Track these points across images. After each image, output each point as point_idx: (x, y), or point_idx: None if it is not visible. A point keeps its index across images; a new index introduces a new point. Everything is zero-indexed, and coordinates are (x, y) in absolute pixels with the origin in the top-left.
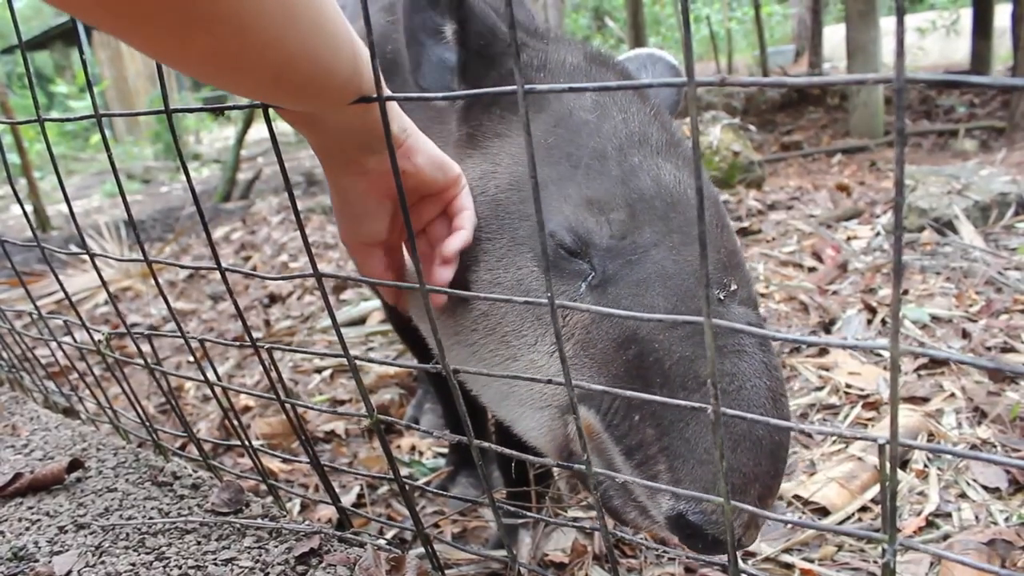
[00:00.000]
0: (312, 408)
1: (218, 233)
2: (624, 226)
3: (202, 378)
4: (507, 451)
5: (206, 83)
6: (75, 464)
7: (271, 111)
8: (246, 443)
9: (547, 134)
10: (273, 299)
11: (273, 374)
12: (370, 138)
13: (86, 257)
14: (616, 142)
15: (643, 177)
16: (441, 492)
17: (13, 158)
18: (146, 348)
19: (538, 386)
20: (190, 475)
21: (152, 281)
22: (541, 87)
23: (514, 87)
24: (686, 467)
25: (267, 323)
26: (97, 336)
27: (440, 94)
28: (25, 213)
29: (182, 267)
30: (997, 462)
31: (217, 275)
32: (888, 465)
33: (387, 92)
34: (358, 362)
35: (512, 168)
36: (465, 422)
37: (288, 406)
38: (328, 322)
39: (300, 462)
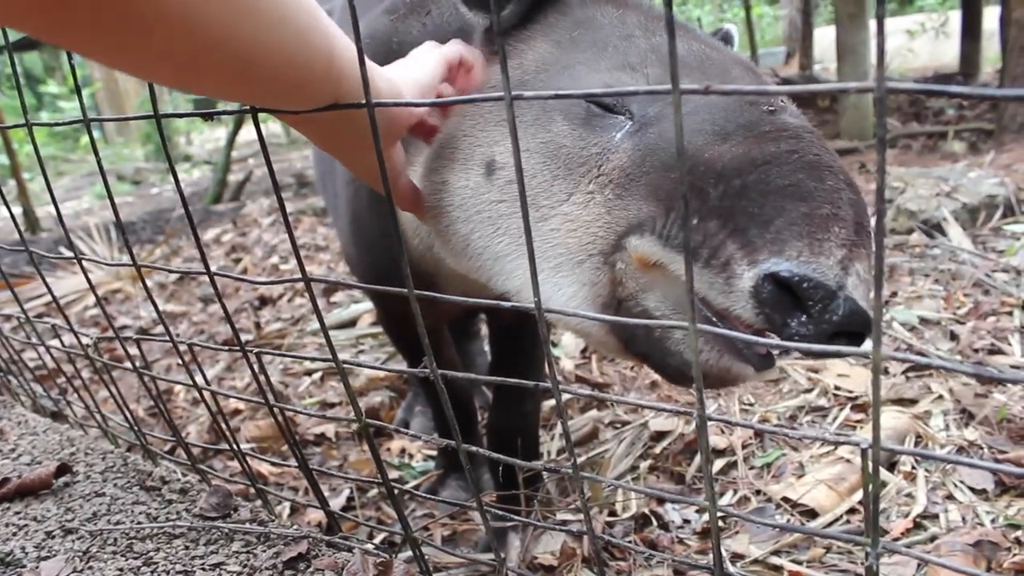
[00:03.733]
0: (301, 412)
1: (209, 235)
2: (660, 76)
3: (191, 382)
4: (495, 455)
5: (170, 87)
6: (63, 469)
7: (260, 114)
8: (235, 447)
9: (571, 30)
10: (264, 301)
11: (262, 378)
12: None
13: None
14: (640, 26)
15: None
16: (429, 496)
17: (2, 159)
18: (135, 351)
19: (575, 237)
20: (178, 479)
21: (146, 279)
22: (528, 94)
23: (500, 94)
24: (758, 226)
25: (257, 325)
26: (85, 340)
27: (424, 99)
28: (12, 216)
29: (171, 271)
30: (979, 466)
31: (207, 277)
32: (871, 469)
33: (380, 95)
34: (348, 365)
35: (538, 56)
36: (453, 426)
37: (277, 410)
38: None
39: (288, 466)
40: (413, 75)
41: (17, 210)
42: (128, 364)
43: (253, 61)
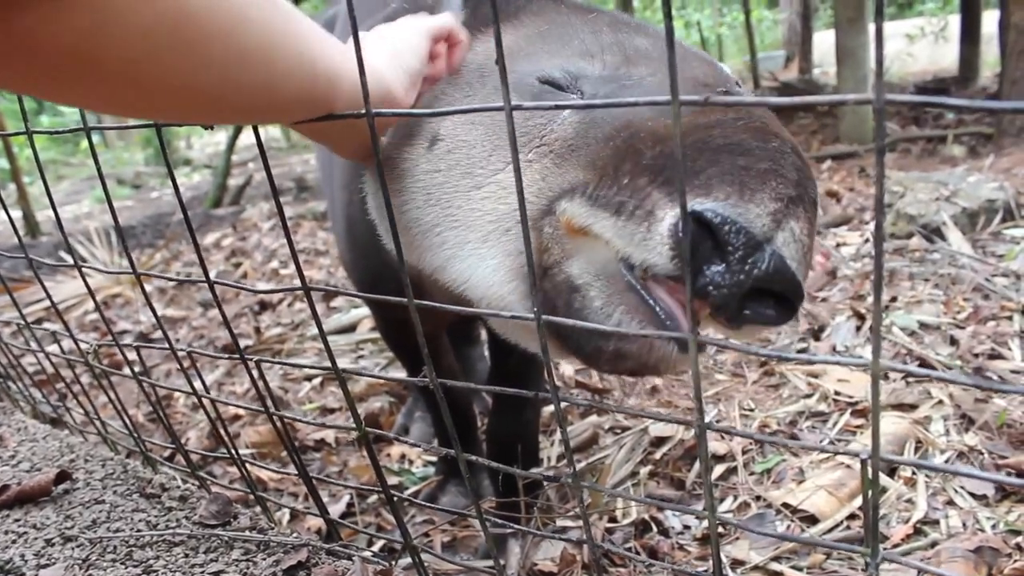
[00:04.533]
0: (301, 421)
1: (208, 239)
2: (618, 64)
3: (191, 389)
4: (495, 464)
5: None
6: (63, 476)
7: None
8: (235, 455)
9: (541, 27)
10: (263, 306)
11: (261, 385)
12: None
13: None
14: (610, 24)
15: (638, 40)
16: (428, 504)
17: (2, 163)
18: (133, 355)
19: (506, 204)
20: (178, 487)
21: (145, 284)
22: (527, 104)
23: (500, 104)
24: (689, 175)
25: (257, 330)
26: (85, 347)
27: (428, 110)
28: (12, 222)
29: (170, 279)
30: (977, 476)
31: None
32: (870, 480)
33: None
34: (348, 374)
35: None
36: (452, 435)
37: (276, 418)
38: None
39: (288, 474)
40: (404, 63)
41: (17, 214)
42: (128, 371)
43: (218, 99)
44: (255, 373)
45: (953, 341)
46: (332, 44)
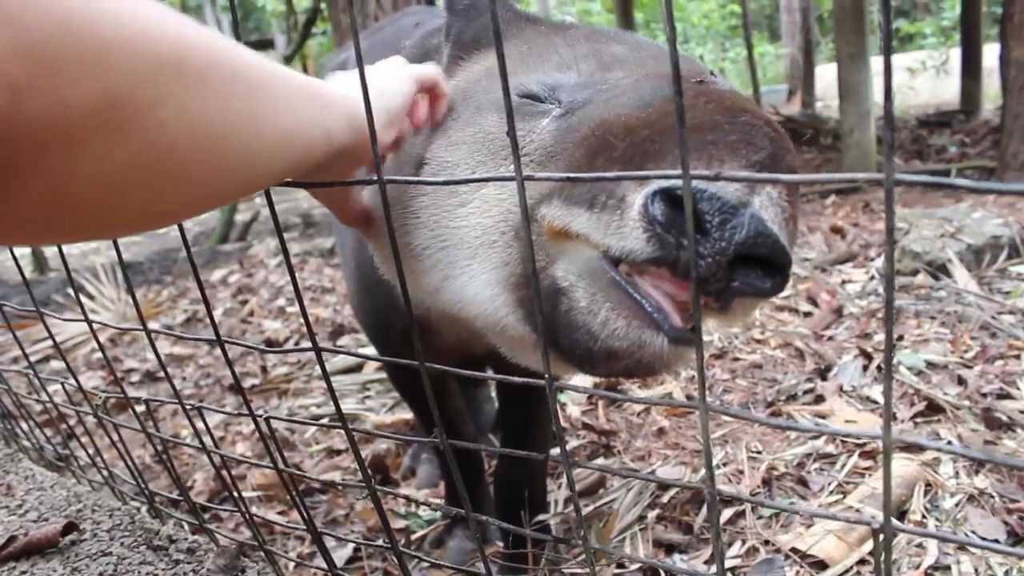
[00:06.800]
0: (309, 478)
1: (215, 275)
2: (593, 70)
3: (197, 440)
4: (505, 525)
5: None
6: (70, 527)
7: None
8: (242, 509)
9: (520, 47)
10: (270, 344)
11: (267, 432)
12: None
13: (85, 299)
14: (586, 36)
15: (614, 48)
16: (435, 562)
17: None
18: (142, 392)
19: (490, 217)
20: (186, 538)
21: (152, 321)
22: (539, 175)
23: (512, 175)
24: (657, 158)
25: (264, 369)
26: (91, 392)
27: (438, 179)
28: (16, 259)
29: (181, 337)
30: (991, 549)
31: (216, 317)
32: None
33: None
34: (356, 412)
35: (484, 67)
36: (463, 495)
37: (282, 462)
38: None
39: (296, 528)
40: (386, 103)
41: (26, 250)
42: (134, 416)
43: (198, 205)
44: (264, 428)
45: (961, 380)
46: (317, 99)
